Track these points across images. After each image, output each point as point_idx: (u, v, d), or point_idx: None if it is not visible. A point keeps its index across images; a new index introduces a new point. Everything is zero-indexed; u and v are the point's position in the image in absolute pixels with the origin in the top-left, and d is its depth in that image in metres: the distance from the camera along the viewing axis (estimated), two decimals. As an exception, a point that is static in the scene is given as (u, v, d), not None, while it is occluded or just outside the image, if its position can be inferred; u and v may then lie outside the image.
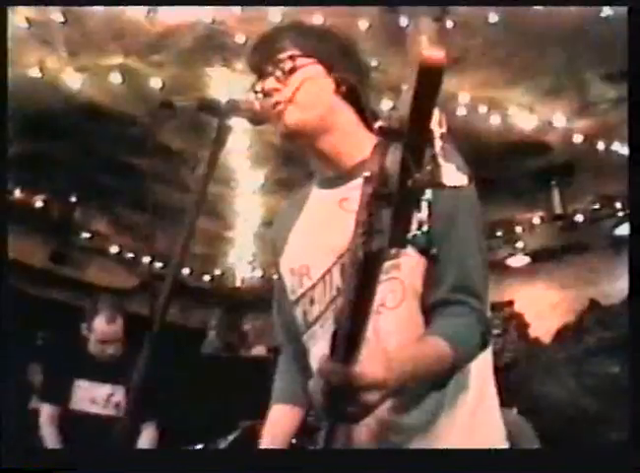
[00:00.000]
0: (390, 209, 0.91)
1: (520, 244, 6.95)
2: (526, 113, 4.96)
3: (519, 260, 7.05)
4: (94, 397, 3.92)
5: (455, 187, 0.90)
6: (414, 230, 0.93)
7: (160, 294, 1.48)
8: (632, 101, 2.03)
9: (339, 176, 1.69)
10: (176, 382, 5.61)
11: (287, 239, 1.79)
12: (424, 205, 0.92)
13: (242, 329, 8.63)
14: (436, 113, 0.87)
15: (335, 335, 1.19)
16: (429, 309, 1.55)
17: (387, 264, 1.50)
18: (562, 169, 5.63)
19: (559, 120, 5.04)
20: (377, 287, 1.07)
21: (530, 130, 5.12)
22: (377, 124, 0.93)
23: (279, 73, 1.65)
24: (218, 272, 7.86)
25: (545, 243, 6.90)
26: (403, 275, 1.54)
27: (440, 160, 0.88)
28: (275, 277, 1.88)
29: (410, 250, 1.48)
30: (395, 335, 1.53)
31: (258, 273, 7.53)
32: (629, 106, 2.14)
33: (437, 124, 0.88)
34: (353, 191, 1.16)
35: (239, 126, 1.60)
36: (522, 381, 6.79)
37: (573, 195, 6.00)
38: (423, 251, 0.96)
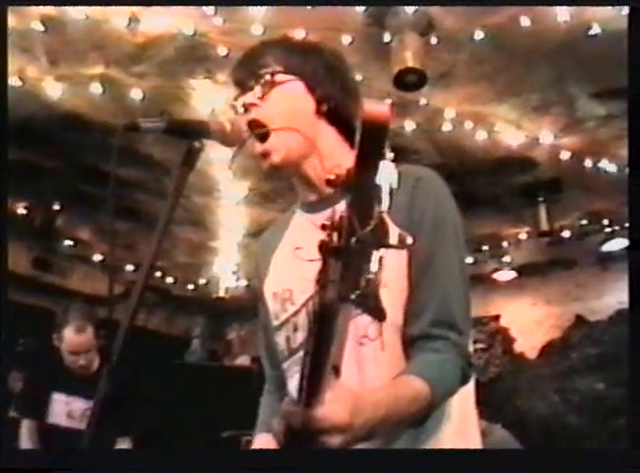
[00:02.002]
0: (340, 262, 0.87)
1: (506, 259, 6.93)
2: (513, 130, 4.93)
3: (505, 275, 7.03)
4: (70, 411, 3.84)
5: (400, 247, 0.87)
6: (361, 288, 0.87)
7: (130, 300, 1.42)
8: (632, 108, 1.97)
9: (321, 200, 1.65)
10: (159, 391, 5.57)
11: (269, 263, 1.76)
12: (374, 261, 0.87)
13: (226, 338, 8.63)
14: (387, 167, 0.83)
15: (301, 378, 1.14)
16: (409, 342, 1.50)
17: None
18: (549, 186, 5.61)
19: (546, 137, 5.00)
20: (334, 336, 1.01)
21: (517, 146, 5.08)
22: (326, 176, 0.89)
23: (258, 88, 1.62)
24: (202, 281, 7.83)
25: (532, 258, 6.89)
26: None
27: (387, 219, 0.84)
28: (260, 295, 1.82)
29: (391, 281, 1.47)
30: (377, 366, 1.49)
31: (242, 283, 7.51)
32: (629, 116, 2.08)
33: (388, 181, 0.83)
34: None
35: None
36: (506, 396, 6.77)
37: (560, 211, 5.96)
38: (369, 311, 0.90)
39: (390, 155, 0.82)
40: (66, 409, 3.84)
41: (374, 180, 0.82)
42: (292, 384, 1.60)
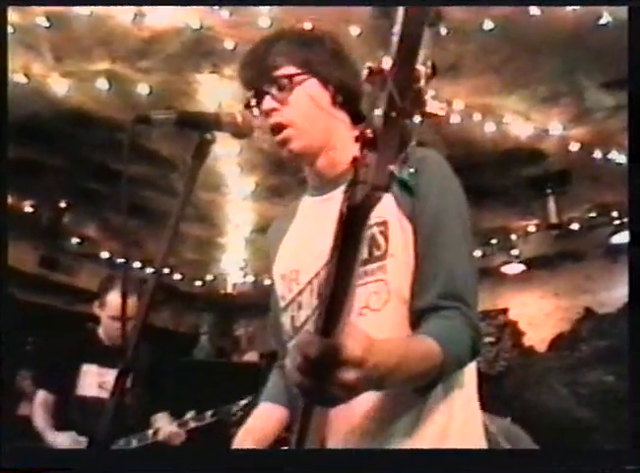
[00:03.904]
0: (375, 154, 0.88)
1: (515, 252, 6.90)
2: (521, 121, 4.90)
3: (514, 268, 7.00)
4: (102, 382, 3.82)
5: (437, 116, 0.88)
6: (398, 167, 0.89)
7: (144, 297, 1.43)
8: (633, 104, 1.95)
9: (330, 183, 1.67)
10: (168, 388, 5.56)
11: (278, 248, 1.79)
12: (411, 147, 0.89)
13: (234, 335, 8.62)
14: (423, 56, 0.85)
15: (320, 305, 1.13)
16: (417, 315, 1.50)
17: (373, 266, 1.51)
18: (558, 178, 5.57)
19: (555, 128, 4.97)
20: (361, 248, 1.00)
21: (525, 138, 5.05)
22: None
23: (275, 92, 1.63)
24: (209, 278, 7.82)
25: (541, 251, 6.85)
26: (389, 277, 1.51)
27: (424, 92, 0.87)
28: (267, 283, 1.86)
29: (397, 252, 1.51)
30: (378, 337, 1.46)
31: (250, 279, 7.50)
32: (629, 111, 2.06)
33: (424, 66, 0.86)
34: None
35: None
36: (516, 390, 6.74)
37: (569, 203, 5.93)
38: (406, 188, 0.90)
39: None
40: (98, 380, 3.83)
41: (414, 64, 0.84)
42: None
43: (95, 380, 3.83)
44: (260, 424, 1.79)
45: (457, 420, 1.53)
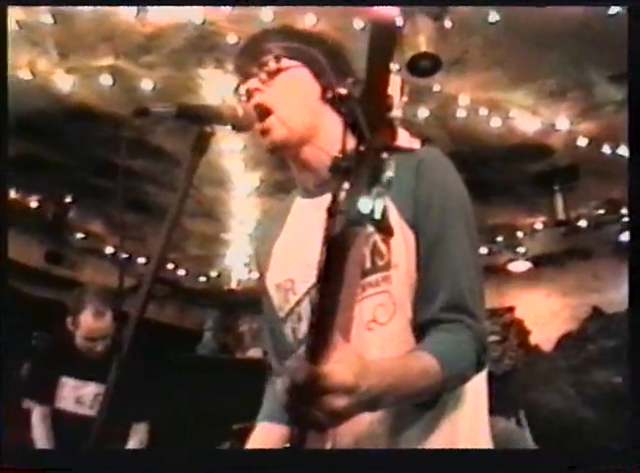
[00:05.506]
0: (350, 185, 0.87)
1: (521, 249, 6.85)
2: (528, 116, 4.84)
3: (520, 265, 6.96)
4: (79, 396, 3.73)
5: (408, 150, 0.90)
6: (372, 198, 0.86)
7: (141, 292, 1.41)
8: (633, 101, 1.93)
9: (320, 185, 1.61)
10: (172, 383, 5.56)
11: (270, 253, 1.72)
12: (385, 178, 0.86)
13: (238, 331, 8.61)
14: (397, 82, 0.87)
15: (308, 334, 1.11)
16: (420, 328, 1.46)
17: (377, 276, 1.46)
18: (566, 173, 5.50)
19: (563, 123, 4.91)
20: (343, 276, 0.99)
21: (532, 133, 4.99)
22: (337, 91, 0.97)
23: (262, 75, 1.59)
24: (214, 274, 7.81)
25: (548, 249, 6.81)
26: (393, 289, 1.46)
27: (396, 124, 0.86)
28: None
29: (400, 261, 1.46)
30: (385, 353, 1.43)
31: (254, 275, 7.47)
32: (629, 107, 2.03)
33: (397, 92, 0.87)
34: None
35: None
36: (521, 390, 6.70)
37: (577, 200, 5.86)
38: (378, 227, 0.87)
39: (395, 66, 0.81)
40: (75, 394, 3.74)
41: (385, 89, 0.81)
42: None
43: (72, 394, 3.75)
44: (261, 446, 1.73)
45: (465, 429, 1.50)
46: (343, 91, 0.90)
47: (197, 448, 4.03)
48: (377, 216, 0.86)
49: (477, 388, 1.54)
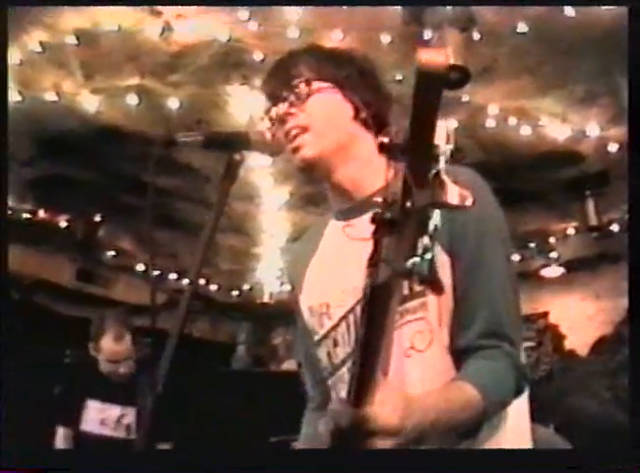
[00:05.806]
0: (394, 236, 0.84)
1: (554, 255, 6.78)
2: (558, 123, 4.81)
3: (553, 271, 6.89)
4: (104, 418, 3.76)
5: (460, 207, 0.82)
6: (417, 256, 0.84)
7: (179, 308, 1.40)
8: (633, 101, 1.89)
9: (355, 207, 1.57)
10: (206, 398, 5.56)
11: (304, 276, 1.69)
12: (431, 228, 0.84)
13: (272, 343, 8.58)
14: (443, 128, 0.79)
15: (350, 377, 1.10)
16: (458, 355, 1.43)
17: (414, 303, 1.43)
18: (597, 179, 5.47)
19: (593, 129, 4.86)
20: (388, 323, 0.98)
21: (562, 140, 4.95)
22: (379, 140, 0.87)
23: (293, 98, 1.55)
24: (246, 287, 7.81)
25: (580, 253, 6.74)
26: (430, 315, 1.44)
27: (444, 177, 0.80)
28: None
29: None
30: (425, 380, 1.41)
31: (286, 287, 7.45)
32: (629, 107, 2.00)
33: (443, 140, 0.79)
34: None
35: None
36: (557, 396, 6.62)
37: (608, 205, 5.82)
38: (426, 282, 0.85)
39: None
40: (100, 416, 3.77)
41: (431, 139, 0.78)
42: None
43: (97, 416, 3.78)
44: None
45: (507, 439, 1.47)
46: (385, 139, 0.85)
47: (201, 449, 4.01)
48: (425, 272, 0.84)
49: (518, 406, 1.50)
